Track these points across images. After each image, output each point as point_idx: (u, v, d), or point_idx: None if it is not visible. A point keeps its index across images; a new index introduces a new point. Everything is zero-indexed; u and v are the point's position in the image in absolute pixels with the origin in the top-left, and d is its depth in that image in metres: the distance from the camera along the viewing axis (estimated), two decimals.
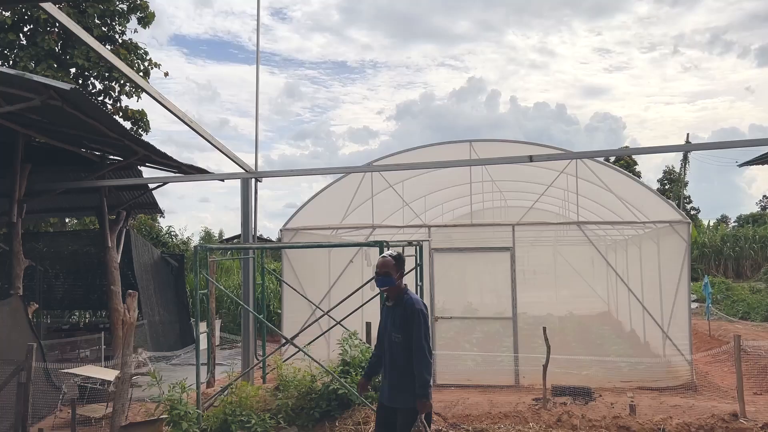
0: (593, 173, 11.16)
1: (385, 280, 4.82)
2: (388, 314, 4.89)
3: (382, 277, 4.83)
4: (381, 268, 4.84)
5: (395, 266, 4.85)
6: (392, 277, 4.80)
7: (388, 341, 4.81)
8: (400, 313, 4.76)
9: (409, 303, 4.78)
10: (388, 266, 4.81)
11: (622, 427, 7.64)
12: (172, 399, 6.99)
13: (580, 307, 19.24)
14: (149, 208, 14.91)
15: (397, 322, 4.75)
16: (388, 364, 4.84)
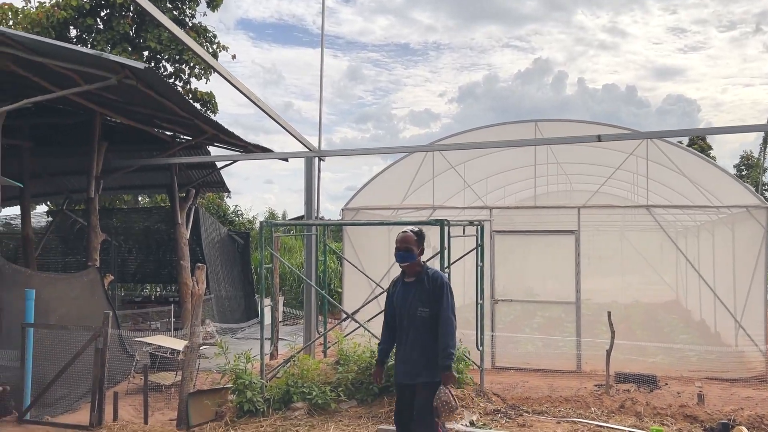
0: (665, 155, 10.74)
1: (406, 256, 4.77)
2: (408, 290, 4.81)
3: (402, 253, 4.77)
4: (402, 243, 4.78)
5: (416, 242, 4.79)
6: (413, 253, 4.76)
7: (408, 318, 4.74)
8: (425, 287, 4.73)
9: (435, 276, 4.77)
10: (409, 241, 4.77)
11: (688, 416, 7.40)
12: (237, 369, 7.23)
13: (647, 294, 18.73)
14: (217, 187, 15.39)
15: (422, 296, 4.71)
16: (408, 342, 4.75)
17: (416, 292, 4.74)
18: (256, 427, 6.68)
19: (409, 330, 4.73)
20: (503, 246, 11.33)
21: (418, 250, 4.79)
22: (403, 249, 4.77)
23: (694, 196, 11.77)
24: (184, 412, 7.46)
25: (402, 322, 4.80)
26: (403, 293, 4.82)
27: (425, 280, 4.75)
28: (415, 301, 4.71)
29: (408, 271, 4.86)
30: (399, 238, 4.82)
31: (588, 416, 7.20)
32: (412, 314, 4.71)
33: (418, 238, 4.80)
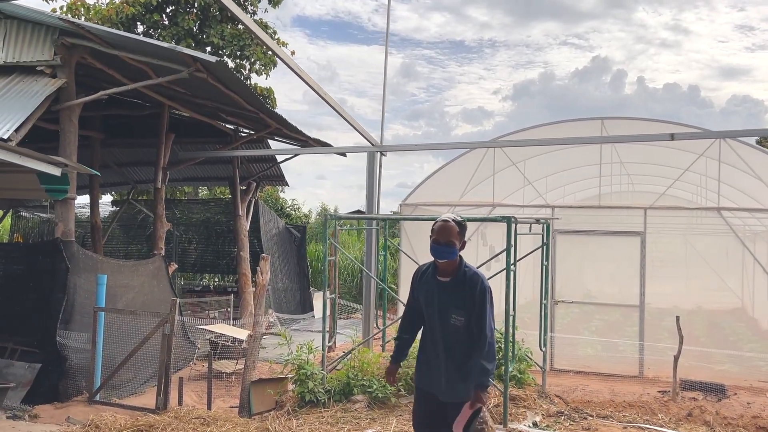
0: (737, 155, 10.31)
1: (447, 251, 3.88)
2: (441, 291, 3.98)
3: (444, 247, 3.88)
4: (442, 234, 3.88)
5: (459, 234, 3.92)
6: (455, 247, 3.89)
7: (441, 324, 3.96)
8: (463, 290, 3.90)
9: (475, 279, 3.91)
10: (452, 233, 3.88)
11: (761, 428, 7.13)
12: (300, 359, 7.31)
13: (710, 301, 18.02)
14: (276, 180, 15.62)
15: (458, 301, 3.90)
16: (440, 350, 3.99)
17: (451, 295, 3.94)
18: (317, 417, 6.74)
19: (441, 336, 3.99)
20: (564, 246, 11.13)
21: (460, 245, 3.95)
22: (444, 242, 3.88)
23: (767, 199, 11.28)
24: (246, 399, 7.59)
25: (432, 324, 4.04)
26: (435, 293, 4.01)
27: (464, 281, 3.93)
28: (450, 306, 3.93)
29: (444, 269, 3.98)
30: (437, 227, 3.93)
31: (655, 423, 6.99)
32: (445, 320, 3.94)
33: (460, 229, 3.94)
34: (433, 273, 4.06)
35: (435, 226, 3.97)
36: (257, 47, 18.24)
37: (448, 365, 3.97)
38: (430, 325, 4.07)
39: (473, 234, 12.27)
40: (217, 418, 6.80)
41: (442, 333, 3.97)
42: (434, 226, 3.97)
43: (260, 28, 18.97)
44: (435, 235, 3.94)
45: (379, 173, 9.97)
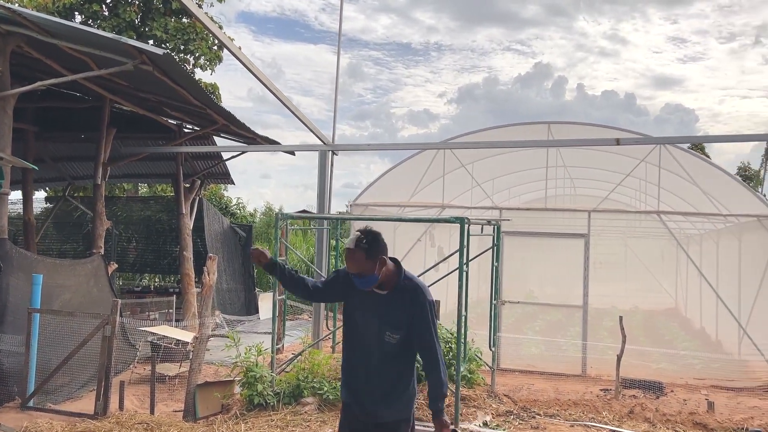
0: (676, 161, 10.73)
1: (365, 281, 3.43)
2: (376, 304, 3.51)
3: (357, 278, 3.44)
4: (351, 267, 3.43)
5: (368, 258, 3.38)
6: (371, 274, 3.40)
7: (374, 340, 3.51)
8: (402, 304, 3.48)
9: (415, 291, 3.49)
10: (358, 263, 3.39)
11: (698, 423, 7.38)
12: (248, 361, 7.14)
13: (646, 301, 18.78)
14: (222, 178, 15.28)
15: (394, 315, 3.47)
16: (372, 367, 3.55)
17: (387, 308, 3.50)
18: (266, 420, 6.59)
19: (373, 354, 3.55)
20: (509, 247, 11.30)
21: (378, 261, 3.40)
22: (355, 273, 3.43)
23: (703, 205, 11.78)
24: (191, 403, 7.36)
25: (363, 337, 3.58)
26: (369, 306, 3.54)
27: (402, 294, 3.49)
28: (384, 322, 3.50)
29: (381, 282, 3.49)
30: (346, 256, 3.46)
31: (600, 420, 7.16)
32: (379, 338, 3.50)
33: (369, 249, 3.37)
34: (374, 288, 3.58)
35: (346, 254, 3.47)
36: (202, 42, 17.80)
37: (380, 383, 3.56)
38: (360, 336, 3.60)
39: (423, 235, 12.33)
40: (161, 422, 6.56)
41: (377, 349, 3.53)
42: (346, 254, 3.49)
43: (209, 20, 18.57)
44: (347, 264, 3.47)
45: (331, 172, 9.88)
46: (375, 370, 3.56)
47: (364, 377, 3.60)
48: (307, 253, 20.49)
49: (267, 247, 22.26)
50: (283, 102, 8.41)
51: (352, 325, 3.65)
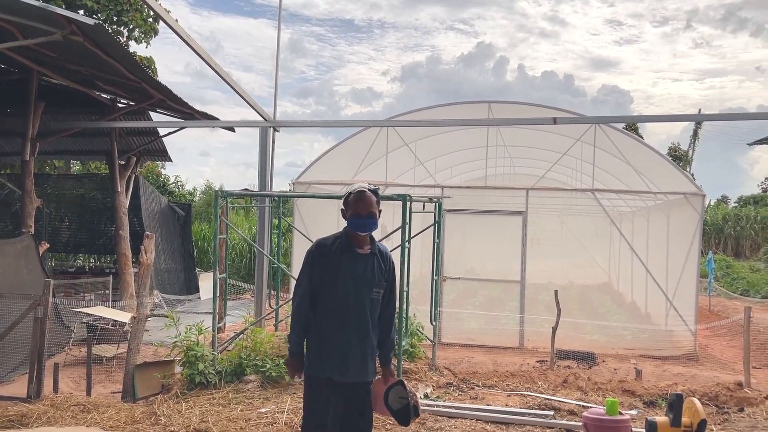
0: (610, 141, 11.10)
1: (371, 223, 3.68)
2: (364, 264, 3.72)
3: (366, 219, 3.66)
4: (363, 207, 3.64)
5: (377, 203, 3.73)
6: (377, 218, 3.71)
7: (360, 300, 3.67)
8: (382, 262, 3.78)
9: (385, 251, 3.85)
10: (371, 204, 3.67)
11: (627, 390, 7.75)
12: (189, 340, 7.05)
13: (581, 276, 19.48)
14: (159, 155, 14.85)
15: (379, 273, 3.74)
16: (356, 329, 3.68)
17: (374, 267, 3.74)
18: (208, 398, 6.55)
19: (358, 313, 3.69)
20: (451, 225, 11.48)
21: (380, 210, 3.76)
22: (365, 214, 3.65)
23: (635, 183, 12.25)
24: (129, 384, 7.23)
25: (346, 302, 3.68)
26: (358, 267, 3.70)
27: (380, 253, 3.80)
28: (373, 279, 3.72)
29: (361, 241, 3.75)
30: (356, 199, 3.67)
31: (535, 390, 7.43)
32: (366, 295, 3.69)
33: (377, 197, 3.75)
34: (347, 246, 3.72)
35: (351, 198, 3.69)
36: (136, 13, 17.12)
37: (365, 342, 3.69)
38: (341, 303, 3.67)
39: None
40: (99, 404, 6.42)
41: (361, 309, 3.68)
42: (350, 198, 3.70)
43: None
44: (354, 207, 3.66)
45: (273, 150, 9.75)
46: (364, 330, 3.70)
47: (355, 340, 3.67)
48: (249, 233, 20.24)
49: (207, 226, 21.88)
50: (222, 76, 8.23)
51: (339, 291, 3.68)
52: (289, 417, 5.90)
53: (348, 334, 3.67)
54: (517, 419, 6.00)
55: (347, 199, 3.73)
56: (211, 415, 5.96)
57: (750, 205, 35.23)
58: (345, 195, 3.78)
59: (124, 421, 5.90)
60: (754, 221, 30.14)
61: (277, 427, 5.70)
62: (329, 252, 3.70)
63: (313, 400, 3.72)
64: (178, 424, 5.77)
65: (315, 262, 3.72)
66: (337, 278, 3.67)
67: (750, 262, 25.72)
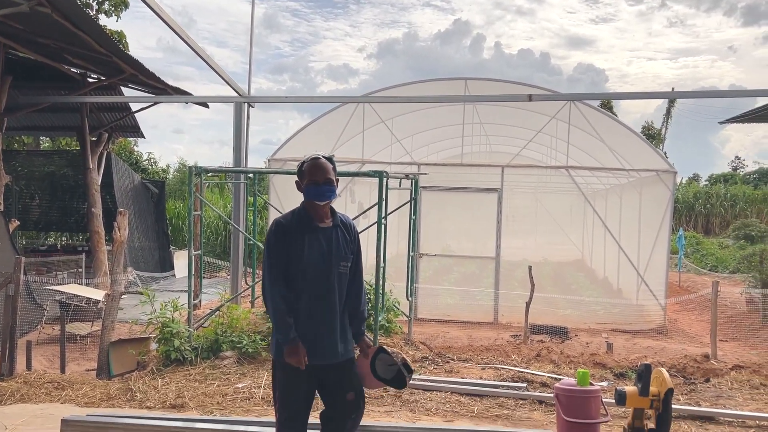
0: (585, 118, 11.20)
1: (329, 190, 3.46)
2: (327, 238, 3.50)
3: (324, 186, 3.44)
4: (319, 174, 3.43)
5: (334, 170, 3.53)
6: (335, 186, 3.51)
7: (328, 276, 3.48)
8: (345, 233, 3.58)
9: (350, 224, 3.64)
10: (328, 170, 3.47)
11: (598, 363, 7.92)
12: (164, 317, 7.02)
13: (555, 253, 19.73)
14: (131, 132, 14.61)
15: (343, 246, 3.54)
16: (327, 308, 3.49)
17: (338, 240, 3.54)
18: (184, 375, 6.54)
19: (328, 290, 3.49)
20: (425, 202, 11.52)
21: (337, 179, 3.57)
22: (323, 181, 3.44)
23: (608, 161, 12.39)
24: (104, 361, 7.20)
25: (316, 280, 3.47)
26: (322, 242, 3.49)
27: (343, 224, 3.60)
28: (339, 253, 3.52)
29: (323, 213, 3.52)
30: (310, 167, 3.47)
31: (509, 363, 7.56)
32: (333, 271, 3.50)
33: (333, 165, 3.55)
34: (307, 221, 3.49)
35: (305, 166, 3.49)
36: None
37: (335, 322, 3.49)
38: (308, 282, 3.45)
39: (343, 190, 12.33)
40: (73, 381, 6.39)
41: (329, 286, 3.48)
42: (304, 167, 3.49)
43: None
44: (310, 175, 3.45)
45: (247, 126, 9.63)
46: (334, 308, 3.50)
47: (326, 319, 3.47)
48: (224, 210, 20.09)
49: (181, 204, 21.62)
50: (195, 51, 8.08)
51: (305, 270, 3.44)
52: (266, 392, 5.93)
53: (318, 314, 3.47)
54: (491, 391, 6.11)
55: (301, 169, 3.51)
56: (187, 390, 5.97)
57: (720, 183, 35.92)
58: (298, 165, 3.56)
59: (100, 398, 5.88)
60: (723, 199, 30.77)
61: (255, 402, 5.73)
62: (289, 230, 3.46)
63: (286, 386, 3.47)
64: (154, 399, 5.77)
65: (279, 242, 3.45)
66: (301, 256, 3.42)
67: (719, 238, 26.29)
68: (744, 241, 22.96)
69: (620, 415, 5.59)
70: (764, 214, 29.57)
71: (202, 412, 5.44)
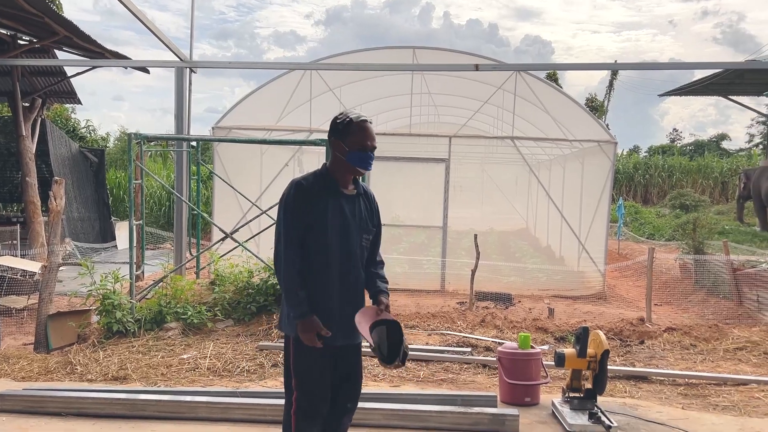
0: (530, 89, 11.34)
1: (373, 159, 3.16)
2: (351, 207, 3.15)
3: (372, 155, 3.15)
4: (373, 139, 3.12)
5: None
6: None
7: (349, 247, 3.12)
8: (370, 205, 3.28)
9: (370, 192, 3.33)
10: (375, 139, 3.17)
11: (540, 328, 8.17)
12: (105, 288, 6.83)
13: (501, 223, 20.13)
14: (66, 97, 14.00)
15: (367, 218, 3.23)
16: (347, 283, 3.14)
17: (362, 210, 3.20)
18: (127, 347, 6.42)
19: (345, 265, 3.13)
20: (374, 173, 11.50)
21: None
22: (373, 149, 3.12)
23: (553, 132, 12.63)
24: (42, 334, 6.98)
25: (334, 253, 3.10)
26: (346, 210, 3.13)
27: (366, 193, 3.28)
28: (364, 224, 3.19)
29: (348, 180, 3.18)
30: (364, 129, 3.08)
31: (455, 329, 7.72)
32: (355, 242, 3.15)
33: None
34: (332, 186, 3.13)
35: (354, 127, 3.06)
36: None
37: (354, 299, 3.17)
38: (328, 254, 3.09)
39: (291, 160, 12.19)
40: (9, 355, 6.19)
41: (349, 259, 3.14)
42: (352, 127, 3.06)
43: None
44: (359, 139, 3.05)
45: (189, 92, 9.35)
46: (353, 283, 3.17)
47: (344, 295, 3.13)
48: (168, 180, 19.58)
49: (123, 174, 20.94)
50: (134, 14, 7.75)
51: (326, 240, 3.09)
52: (212, 362, 5.89)
53: (336, 289, 3.12)
54: (437, 356, 6.24)
55: (345, 128, 3.07)
56: (130, 362, 5.87)
57: (658, 154, 37.18)
58: (338, 122, 3.10)
59: (38, 372, 5.73)
60: (661, 170, 31.91)
61: (200, 372, 5.69)
62: (311, 193, 3.08)
63: (306, 366, 3.11)
64: (95, 372, 5.65)
65: (297, 206, 3.07)
66: (324, 224, 3.07)
67: (656, 208, 27.33)
68: (679, 210, 23.96)
69: (560, 377, 5.81)
70: (698, 184, 30.86)
71: (145, 384, 5.36)
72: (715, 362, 6.52)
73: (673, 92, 24.60)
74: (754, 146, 38.20)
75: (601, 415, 4.45)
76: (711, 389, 5.62)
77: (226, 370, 5.77)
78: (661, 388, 5.65)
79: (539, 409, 4.88)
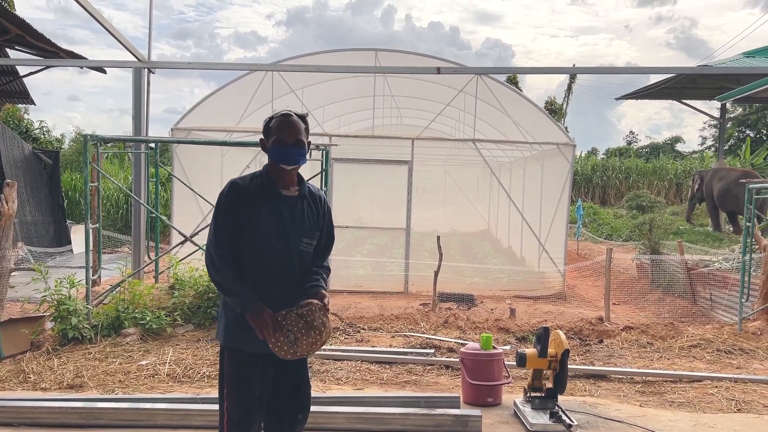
0: (491, 93, 11.48)
1: (299, 153, 3.00)
2: (291, 208, 3.03)
3: (293, 148, 2.98)
4: (289, 133, 2.97)
5: (306, 131, 3.07)
6: (305, 149, 3.04)
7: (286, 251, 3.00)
8: (314, 205, 3.13)
9: (319, 193, 3.19)
10: (299, 130, 3.00)
11: (502, 328, 8.26)
12: (60, 294, 6.64)
13: (463, 224, 20.36)
14: (19, 97, 13.60)
15: (307, 220, 3.07)
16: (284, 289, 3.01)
17: (303, 212, 3.07)
18: (83, 354, 6.25)
19: (282, 271, 3.01)
20: (337, 175, 11.50)
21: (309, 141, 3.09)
22: (294, 142, 2.97)
23: (513, 134, 12.80)
24: None
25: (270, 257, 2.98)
26: (284, 212, 3.01)
27: (311, 195, 3.14)
28: (303, 227, 3.06)
29: (289, 179, 3.05)
30: (279, 123, 2.99)
31: (418, 330, 7.75)
32: (293, 247, 3.02)
33: (306, 125, 3.07)
34: (268, 187, 3.01)
35: (274, 122, 3.00)
36: None
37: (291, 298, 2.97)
38: (263, 257, 2.98)
39: (252, 162, 12.05)
40: None
41: (287, 264, 3.01)
42: (272, 123, 3.01)
43: None
44: (277, 133, 2.97)
45: (147, 92, 9.17)
46: (290, 289, 3.03)
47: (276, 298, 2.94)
48: (125, 182, 19.15)
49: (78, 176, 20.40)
50: (90, 12, 7.55)
51: (260, 243, 2.97)
52: (172, 368, 5.78)
53: (271, 294, 2.97)
54: (400, 358, 6.25)
55: (268, 125, 3.04)
56: (86, 370, 5.71)
57: (616, 156, 38.05)
58: (265, 121, 3.09)
59: None
60: (618, 171, 32.67)
61: (159, 378, 5.57)
62: (246, 194, 2.98)
63: (235, 378, 3.01)
64: (49, 380, 5.48)
65: (230, 206, 2.97)
66: (256, 226, 2.96)
67: (614, 209, 27.95)
68: (636, 211, 24.53)
69: (522, 377, 5.88)
70: (654, 185, 31.69)
71: (102, 392, 5.23)
72: (671, 360, 6.69)
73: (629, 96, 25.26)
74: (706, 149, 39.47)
75: (562, 414, 4.52)
76: (667, 386, 5.76)
77: (187, 375, 5.66)
78: (619, 386, 5.77)
79: (501, 410, 4.93)
